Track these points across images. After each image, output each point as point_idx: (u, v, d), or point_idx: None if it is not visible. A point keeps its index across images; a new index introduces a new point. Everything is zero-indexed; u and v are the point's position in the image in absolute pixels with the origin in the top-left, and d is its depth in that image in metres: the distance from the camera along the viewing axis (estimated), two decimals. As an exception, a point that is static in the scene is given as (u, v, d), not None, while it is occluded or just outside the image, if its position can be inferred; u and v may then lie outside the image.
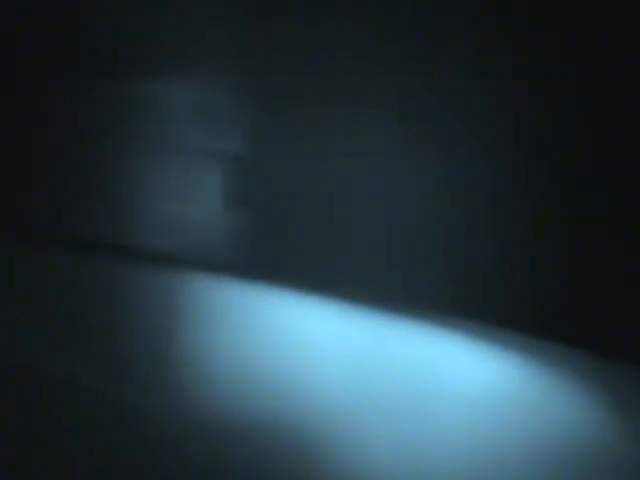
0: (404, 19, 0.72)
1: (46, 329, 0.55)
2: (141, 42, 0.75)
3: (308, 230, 0.90)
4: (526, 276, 0.66)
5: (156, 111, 0.79)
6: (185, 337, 0.55)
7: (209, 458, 0.50)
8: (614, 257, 0.65)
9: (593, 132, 0.66)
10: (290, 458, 0.51)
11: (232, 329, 0.55)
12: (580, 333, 0.65)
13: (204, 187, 0.81)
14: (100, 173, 0.78)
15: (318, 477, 0.50)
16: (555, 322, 0.66)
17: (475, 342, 0.52)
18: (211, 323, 0.56)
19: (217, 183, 0.83)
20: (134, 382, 0.54)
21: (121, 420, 0.52)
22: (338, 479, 0.48)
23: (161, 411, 0.53)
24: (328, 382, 0.53)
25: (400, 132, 0.96)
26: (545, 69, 0.67)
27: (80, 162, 0.76)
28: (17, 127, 0.75)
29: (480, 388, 0.51)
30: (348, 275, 0.80)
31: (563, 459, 0.46)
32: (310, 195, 0.92)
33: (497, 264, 0.66)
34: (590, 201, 0.64)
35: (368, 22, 0.80)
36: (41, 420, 0.52)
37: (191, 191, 0.79)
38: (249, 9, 0.78)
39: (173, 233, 0.79)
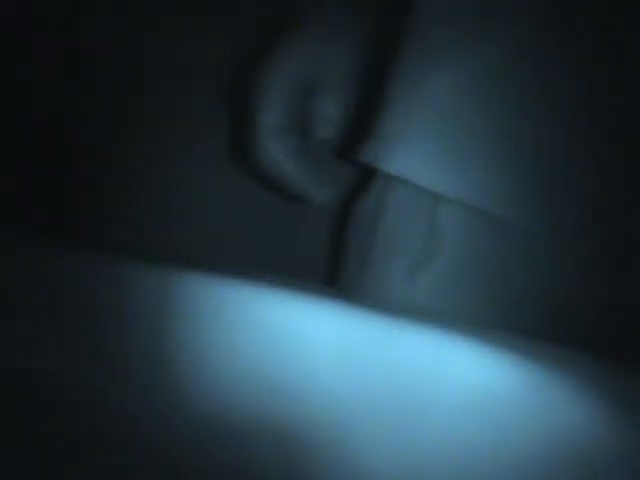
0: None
1: (45, 330, 0.55)
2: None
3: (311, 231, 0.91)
4: (527, 277, 0.66)
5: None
6: (182, 337, 0.55)
7: (205, 459, 0.51)
8: (616, 257, 0.64)
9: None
10: (288, 458, 0.51)
11: (229, 329, 0.55)
12: (582, 334, 0.65)
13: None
14: (102, 172, 0.78)
15: (316, 477, 0.50)
16: (557, 323, 0.66)
17: (476, 343, 0.52)
18: (208, 323, 0.56)
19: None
20: (131, 382, 0.54)
21: (119, 420, 0.52)
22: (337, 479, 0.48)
23: (158, 411, 0.53)
24: (327, 383, 0.53)
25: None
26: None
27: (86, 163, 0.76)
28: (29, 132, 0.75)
29: (481, 389, 0.51)
30: (346, 274, 0.80)
31: (564, 461, 0.46)
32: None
33: (498, 263, 0.66)
34: (590, 201, 0.64)
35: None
36: (40, 420, 0.52)
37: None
38: None
39: (171, 231, 0.79)
